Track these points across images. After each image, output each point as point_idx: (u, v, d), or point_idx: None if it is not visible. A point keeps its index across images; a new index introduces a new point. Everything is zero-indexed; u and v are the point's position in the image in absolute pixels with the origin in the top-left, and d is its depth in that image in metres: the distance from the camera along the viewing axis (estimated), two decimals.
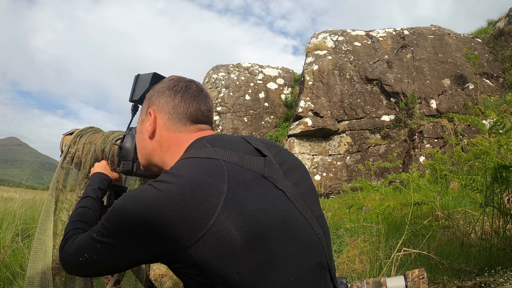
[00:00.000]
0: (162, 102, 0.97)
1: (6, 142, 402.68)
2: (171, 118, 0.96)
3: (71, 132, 1.48)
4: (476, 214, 3.08)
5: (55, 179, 1.37)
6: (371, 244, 3.01)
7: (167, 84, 1.00)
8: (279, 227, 0.76)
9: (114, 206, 0.78)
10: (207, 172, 0.77)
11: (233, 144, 0.89)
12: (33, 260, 1.27)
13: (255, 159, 0.84)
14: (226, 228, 0.71)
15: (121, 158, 1.24)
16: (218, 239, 0.71)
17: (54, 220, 1.32)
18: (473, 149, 3.15)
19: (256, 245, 0.73)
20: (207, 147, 0.86)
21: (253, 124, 10.76)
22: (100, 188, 1.20)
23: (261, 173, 0.82)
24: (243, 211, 0.73)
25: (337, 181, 7.80)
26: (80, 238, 0.87)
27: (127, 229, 0.75)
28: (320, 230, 0.87)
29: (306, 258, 0.80)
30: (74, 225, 1.01)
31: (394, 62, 9.20)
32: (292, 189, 0.85)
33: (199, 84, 1.02)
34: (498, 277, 2.22)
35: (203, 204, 0.72)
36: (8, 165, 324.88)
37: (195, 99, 0.97)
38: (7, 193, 6.28)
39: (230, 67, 11.95)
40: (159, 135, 0.97)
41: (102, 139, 1.40)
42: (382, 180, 4.73)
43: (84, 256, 0.82)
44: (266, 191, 0.79)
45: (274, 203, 0.79)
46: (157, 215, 0.72)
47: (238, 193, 0.75)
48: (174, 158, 0.93)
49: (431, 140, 7.59)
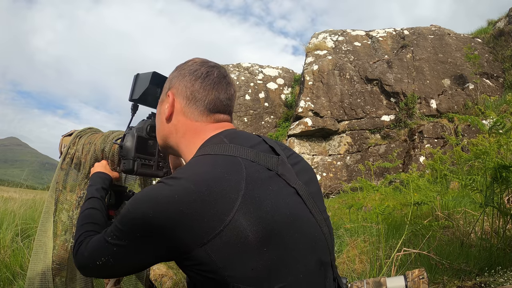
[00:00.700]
0: (182, 86, 0.95)
1: (6, 142, 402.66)
2: (189, 104, 0.93)
3: (70, 133, 1.48)
4: (476, 214, 3.08)
5: (54, 180, 1.37)
6: (371, 244, 3.01)
7: (189, 68, 0.96)
8: (291, 224, 0.77)
9: (127, 208, 0.77)
10: (225, 169, 0.76)
11: (250, 141, 0.89)
12: (34, 261, 1.27)
13: (269, 157, 0.85)
14: (243, 224, 0.71)
15: (122, 157, 1.23)
16: (235, 236, 0.70)
17: (54, 221, 1.32)
18: (473, 149, 3.15)
19: (271, 242, 0.73)
20: (225, 143, 0.85)
21: (253, 124, 10.75)
22: (103, 188, 1.19)
23: (276, 171, 0.82)
24: (260, 207, 0.73)
25: (337, 181, 7.80)
26: (95, 242, 0.85)
27: (142, 230, 0.74)
28: (327, 230, 0.87)
29: (314, 256, 0.80)
30: (85, 228, 0.99)
31: (394, 62, 9.20)
32: (303, 188, 0.85)
33: (223, 70, 0.98)
34: (498, 277, 2.22)
35: (221, 200, 0.71)
36: (8, 165, 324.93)
37: (215, 87, 0.94)
38: (7, 193, 6.28)
39: (230, 67, 11.95)
40: (176, 119, 0.95)
41: (102, 139, 1.40)
42: (382, 180, 4.73)
43: (101, 260, 0.81)
44: (280, 188, 0.80)
45: (288, 200, 0.79)
46: (174, 214, 0.71)
47: (255, 190, 0.75)
48: (188, 147, 0.93)
49: (431, 140, 7.59)
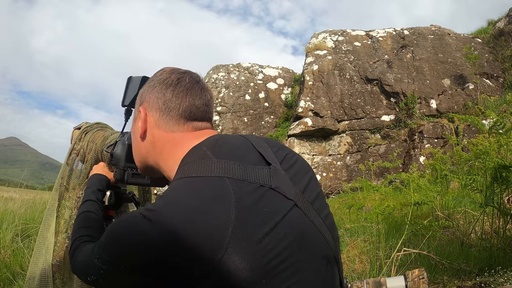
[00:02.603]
0: (153, 98, 0.89)
1: (6, 142, 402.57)
2: (163, 115, 0.87)
3: (80, 127, 1.47)
4: (476, 214, 3.08)
5: (60, 176, 1.39)
6: (371, 244, 3.01)
7: (158, 78, 0.90)
8: (292, 243, 0.71)
9: (110, 237, 0.73)
10: (211, 198, 0.68)
11: (237, 150, 0.81)
12: (36, 256, 1.30)
13: (260, 170, 0.77)
14: (235, 262, 0.64)
15: (113, 166, 1.20)
16: (226, 276, 0.64)
17: (56, 217, 1.34)
18: (473, 149, 3.15)
19: (269, 274, 0.67)
20: (208, 157, 0.77)
21: (253, 124, 10.76)
22: (99, 190, 1.19)
23: (269, 185, 0.75)
24: (253, 239, 0.66)
25: (337, 181, 7.80)
26: (85, 256, 0.83)
27: (126, 263, 0.69)
28: (330, 237, 0.82)
29: (321, 271, 0.76)
30: (80, 232, 0.98)
31: (394, 62, 9.20)
32: (301, 198, 0.79)
33: (195, 75, 0.92)
34: (498, 277, 2.22)
35: (208, 239, 0.64)
36: (8, 165, 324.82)
37: (189, 93, 0.88)
38: (7, 193, 6.28)
39: (230, 67, 11.95)
40: (151, 134, 0.89)
41: (101, 140, 1.40)
42: (382, 180, 4.73)
43: (91, 278, 0.79)
44: (276, 206, 0.73)
45: (286, 217, 0.73)
46: (157, 253, 0.65)
47: (247, 219, 0.67)
48: (169, 163, 0.87)
49: (431, 140, 7.59)
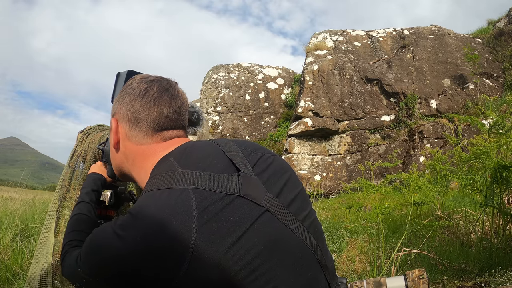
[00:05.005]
0: (123, 110, 0.88)
1: (6, 142, 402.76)
2: (132, 127, 0.87)
3: (84, 130, 1.50)
4: (476, 214, 3.08)
5: (62, 177, 1.40)
6: (371, 244, 3.01)
7: (127, 88, 0.90)
8: (262, 252, 0.70)
9: (87, 250, 0.77)
10: (173, 211, 0.69)
11: (206, 158, 0.80)
12: (37, 256, 1.31)
13: (228, 177, 0.75)
14: (200, 275, 0.66)
15: (105, 162, 1.21)
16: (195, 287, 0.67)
17: (57, 217, 1.35)
18: (473, 149, 3.15)
19: (239, 284, 0.67)
20: (175, 168, 0.77)
21: (253, 124, 10.76)
22: (94, 190, 1.18)
23: (237, 193, 0.73)
24: (218, 250, 0.67)
25: (337, 181, 7.80)
26: (71, 262, 0.85)
27: (102, 275, 0.74)
28: (311, 240, 0.80)
29: (299, 277, 0.75)
30: (69, 237, 0.99)
31: (394, 62, 9.20)
32: (275, 203, 0.77)
33: (164, 83, 0.90)
34: (498, 277, 2.22)
35: (171, 252, 0.66)
36: (8, 165, 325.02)
37: (156, 103, 0.86)
38: (7, 193, 6.28)
39: (230, 67, 11.96)
40: (123, 146, 0.89)
41: (99, 140, 1.43)
42: (382, 180, 4.73)
43: (77, 284, 0.82)
44: (243, 214, 0.72)
45: (255, 225, 0.72)
46: (128, 267, 0.69)
47: (210, 230, 0.68)
48: (140, 174, 0.87)
49: (431, 140, 7.59)
